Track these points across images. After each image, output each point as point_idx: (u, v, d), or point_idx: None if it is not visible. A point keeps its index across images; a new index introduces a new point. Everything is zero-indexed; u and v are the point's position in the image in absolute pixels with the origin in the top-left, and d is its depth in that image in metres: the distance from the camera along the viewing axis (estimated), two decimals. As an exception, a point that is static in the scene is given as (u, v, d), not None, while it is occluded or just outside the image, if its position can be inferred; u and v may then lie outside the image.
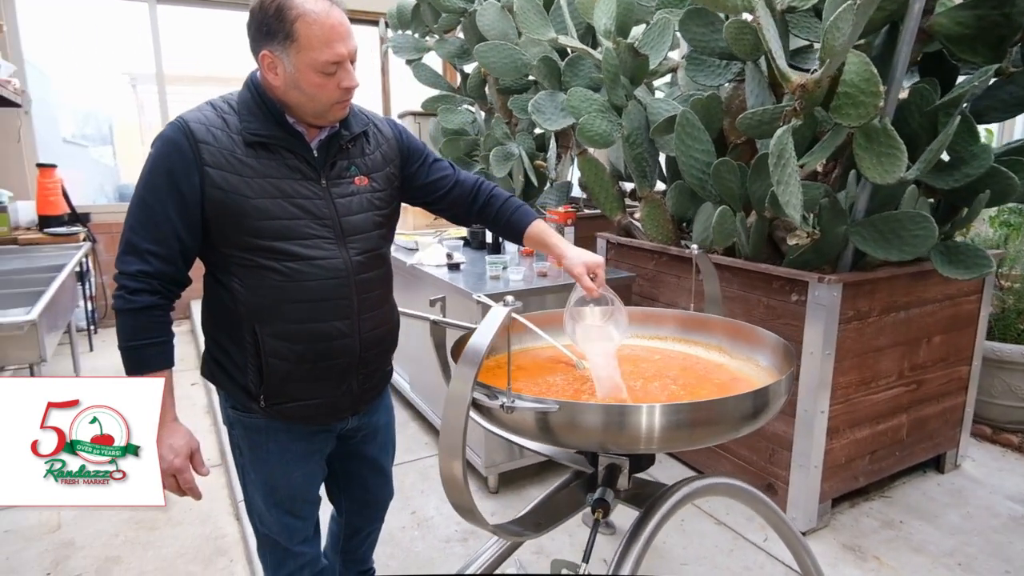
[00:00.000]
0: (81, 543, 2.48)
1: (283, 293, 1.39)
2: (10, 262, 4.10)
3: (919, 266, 2.43)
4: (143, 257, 1.31)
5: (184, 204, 1.32)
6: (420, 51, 4.64)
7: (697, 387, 1.56)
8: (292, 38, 1.29)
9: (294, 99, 1.36)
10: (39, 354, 2.97)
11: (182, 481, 1.37)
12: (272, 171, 1.37)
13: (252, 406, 1.46)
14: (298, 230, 1.38)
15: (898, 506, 2.63)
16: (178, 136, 1.32)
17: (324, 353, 1.45)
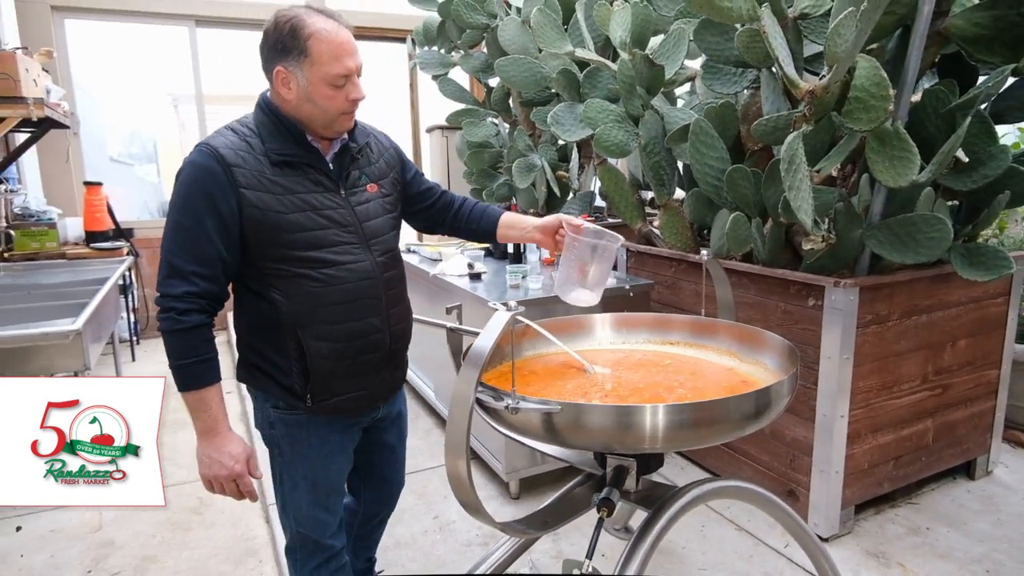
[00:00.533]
0: (120, 543, 2.60)
1: (320, 298, 1.49)
2: (58, 275, 4.31)
3: (940, 269, 2.41)
4: (188, 279, 1.38)
5: (224, 225, 1.40)
6: (446, 66, 4.75)
7: (705, 391, 1.58)
8: (306, 54, 1.40)
9: (306, 112, 1.46)
10: (84, 362, 3.13)
11: (242, 485, 1.48)
12: (298, 187, 1.48)
13: (298, 404, 1.54)
14: (327, 239, 1.49)
15: (925, 513, 2.59)
16: (210, 162, 1.40)
17: (362, 348, 1.56)
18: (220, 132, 1.49)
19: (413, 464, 3.13)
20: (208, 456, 1.46)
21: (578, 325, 1.96)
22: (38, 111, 3.71)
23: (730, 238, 2.40)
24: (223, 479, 1.46)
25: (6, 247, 4.67)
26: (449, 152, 5.68)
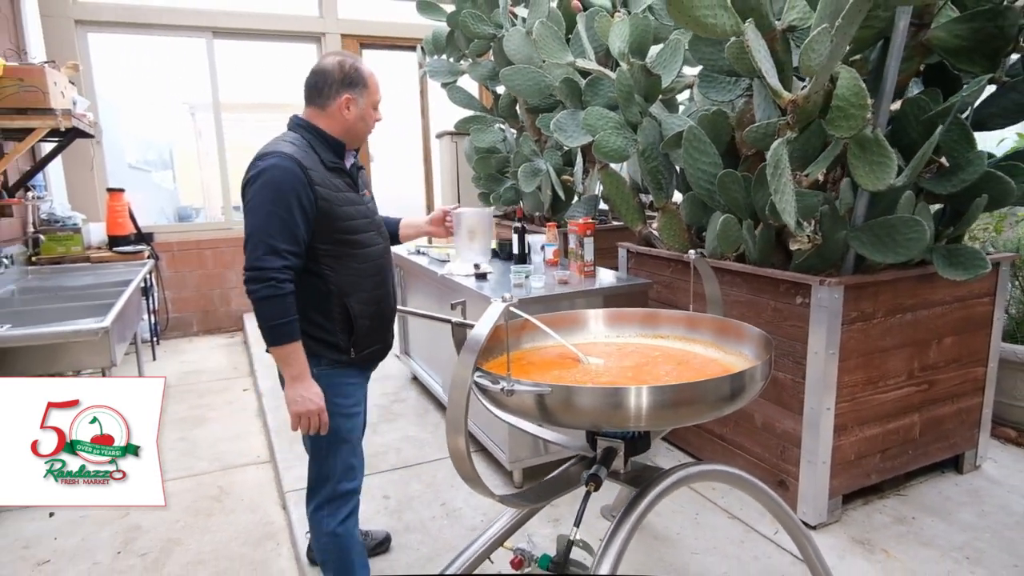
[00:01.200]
0: (147, 527, 2.75)
1: (360, 272, 1.96)
2: (83, 278, 4.50)
3: (924, 269, 2.52)
4: (283, 255, 1.76)
5: (305, 213, 1.81)
6: (455, 74, 4.90)
7: (687, 378, 1.71)
8: (366, 86, 1.94)
9: (358, 128, 1.96)
10: (110, 359, 3.30)
11: (322, 418, 1.85)
12: (342, 187, 1.94)
13: (341, 357, 1.95)
14: (362, 227, 1.98)
15: (912, 504, 2.69)
16: (293, 166, 1.79)
17: (384, 310, 2.07)
18: (281, 144, 1.85)
19: (423, 455, 3.28)
20: (300, 396, 1.81)
21: (574, 320, 2.09)
22: (65, 122, 3.90)
23: (721, 239, 2.52)
24: (312, 413, 1.82)
25: (34, 251, 4.88)
26: (459, 157, 5.84)
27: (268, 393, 4.17)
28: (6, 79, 3.71)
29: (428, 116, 6.77)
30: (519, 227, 3.40)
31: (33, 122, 3.85)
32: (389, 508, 2.80)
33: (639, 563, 2.36)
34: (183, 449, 3.53)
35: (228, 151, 6.13)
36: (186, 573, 2.43)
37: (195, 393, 4.42)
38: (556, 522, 2.64)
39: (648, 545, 2.48)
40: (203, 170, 8.35)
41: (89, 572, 2.43)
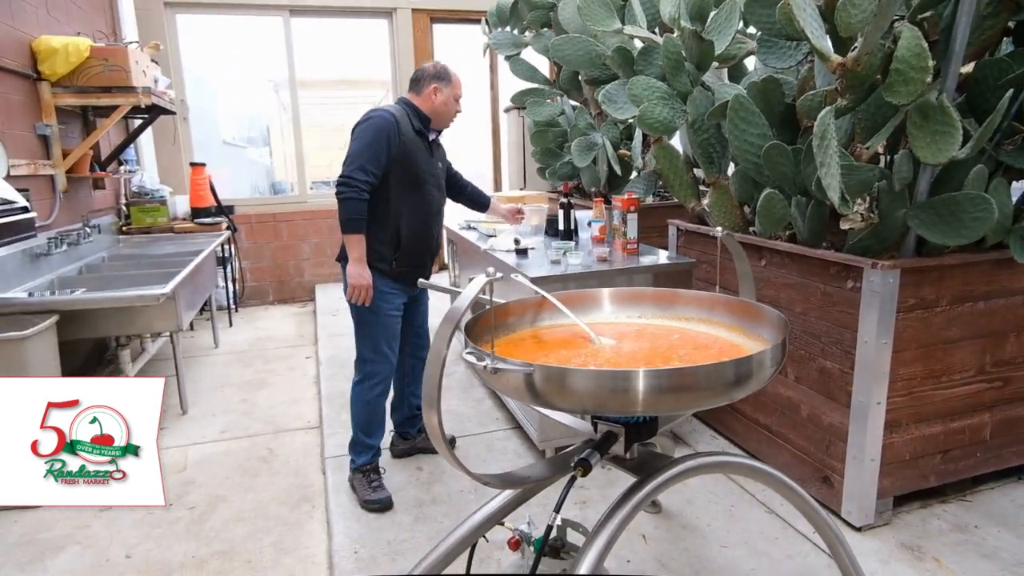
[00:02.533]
0: (199, 482, 2.93)
1: (417, 206, 2.61)
2: (165, 247, 4.81)
3: (1002, 252, 2.26)
4: (368, 172, 2.43)
5: (390, 150, 2.47)
6: (518, 46, 4.81)
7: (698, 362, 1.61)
8: (450, 81, 2.63)
9: (440, 111, 2.63)
10: (177, 324, 3.51)
11: (368, 292, 2.51)
12: (420, 147, 2.60)
13: (383, 267, 2.58)
14: (425, 179, 2.61)
15: (977, 511, 2.45)
16: (390, 117, 2.50)
17: (426, 240, 2.69)
18: (387, 107, 2.56)
19: (461, 429, 3.30)
20: (358, 273, 2.50)
21: (592, 298, 2.02)
22: (146, 99, 4.13)
23: (763, 217, 2.35)
24: (363, 287, 2.50)
25: (125, 221, 5.25)
26: (525, 131, 5.77)
27: (326, 362, 4.32)
28: (93, 59, 3.98)
29: (498, 90, 6.72)
30: (565, 202, 3.31)
31: (117, 99, 4.11)
32: (420, 480, 2.84)
33: (662, 552, 2.28)
34: (243, 410, 3.72)
35: (307, 128, 6.32)
36: (225, 528, 2.56)
37: (262, 359, 4.64)
38: (583, 504, 2.59)
39: (675, 534, 2.39)
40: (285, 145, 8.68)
41: (142, 520, 2.61)
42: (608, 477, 2.75)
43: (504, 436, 3.22)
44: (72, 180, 4.17)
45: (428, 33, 6.38)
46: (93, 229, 4.33)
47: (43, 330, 2.82)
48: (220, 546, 2.44)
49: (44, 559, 2.36)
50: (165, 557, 2.37)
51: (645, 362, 1.62)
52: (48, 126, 3.92)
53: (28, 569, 2.31)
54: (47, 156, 3.96)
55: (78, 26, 4.50)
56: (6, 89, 3.56)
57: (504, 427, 3.31)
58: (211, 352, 4.82)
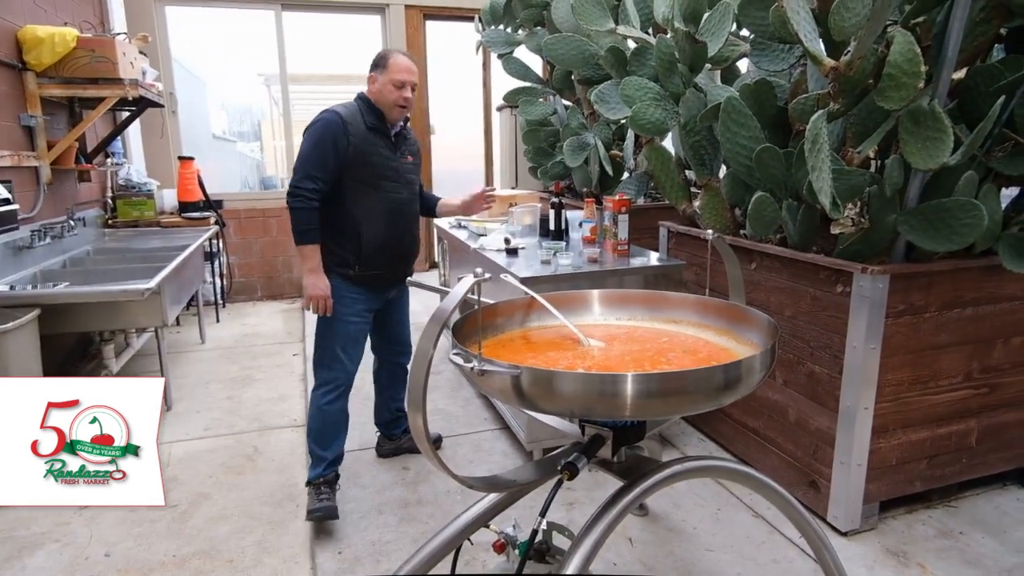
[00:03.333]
0: (182, 480, 2.89)
1: (376, 208, 2.48)
2: (152, 241, 4.75)
3: (991, 259, 2.26)
4: (315, 180, 2.35)
5: (337, 154, 2.37)
6: (511, 44, 4.79)
7: (687, 366, 1.59)
8: (384, 67, 2.44)
9: (378, 99, 2.45)
10: (162, 319, 3.47)
11: (328, 303, 2.44)
12: (377, 144, 2.46)
13: (347, 272, 2.49)
14: (387, 175, 2.49)
15: (962, 517, 2.45)
16: (336, 118, 2.39)
17: (389, 244, 2.54)
18: (338, 106, 2.46)
19: (449, 429, 3.28)
20: (312, 283, 2.42)
21: (582, 300, 2.00)
22: (133, 91, 4.08)
23: (753, 220, 2.35)
24: (320, 297, 2.42)
25: (111, 215, 5.18)
26: (517, 130, 5.75)
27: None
28: (79, 50, 3.92)
29: (490, 88, 6.69)
30: (556, 202, 3.30)
31: (104, 91, 4.05)
32: (406, 480, 2.81)
33: (648, 555, 2.27)
34: (228, 408, 3.68)
35: (298, 123, 6.27)
36: (208, 527, 2.53)
37: (249, 355, 4.60)
38: (570, 506, 2.58)
39: (661, 537, 2.38)
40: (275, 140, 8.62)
41: (123, 518, 2.57)
42: (595, 479, 2.74)
43: (492, 436, 3.21)
44: (57, 172, 4.11)
45: (421, 30, 6.34)
46: (78, 222, 4.27)
47: (24, 324, 2.78)
48: (202, 545, 2.40)
49: (22, 557, 2.32)
50: (145, 556, 2.33)
51: (634, 365, 1.61)
52: (33, 117, 3.86)
53: (4, 567, 2.27)
54: (32, 147, 3.90)
55: (65, 16, 4.44)
56: (-10, 78, 3.50)
57: (492, 427, 3.30)
58: (197, 348, 4.77)
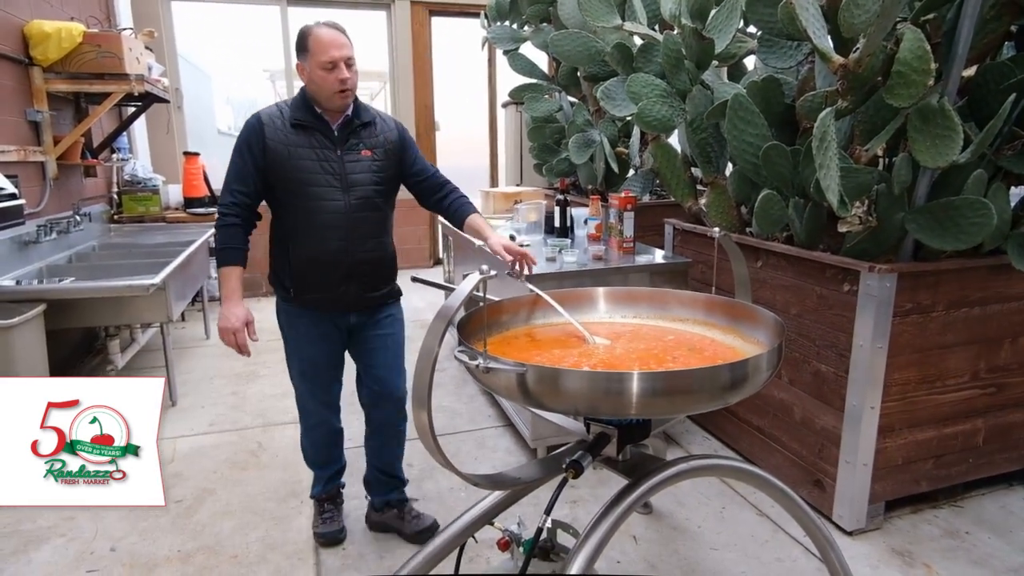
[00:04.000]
0: (187, 475, 2.90)
1: (306, 221, 2.06)
2: (157, 237, 4.76)
3: (999, 258, 2.25)
4: (233, 194, 2.03)
5: (256, 161, 2.03)
6: (517, 41, 4.77)
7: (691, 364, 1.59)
8: (307, 49, 1.99)
9: (312, 89, 2.04)
10: (167, 315, 3.47)
11: (238, 337, 2.03)
12: (305, 143, 2.05)
13: (288, 296, 2.15)
14: (316, 180, 2.05)
15: (968, 517, 2.44)
16: (254, 122, 2.06)
17: (327, 263, 2.10)
18: (269, 106, 2.10)
19: (453, 426, 3.28)
20: (223, 314, 2.04)
21: (588, 297, 2.00)
22: (139, 86, 4.08)
23: (760, 218, 2.33)
24: (227, 331, 2.03)
25: (116, 210, 5.19)
26: (522, 126, 5.74)
27: (318, 355, 4.29)
28: (85, 45, 3.92)
29: (495, 85, 6.67)
30: (561, 199, 3.29)
31: (110, 87, 4.06)
32: (411, 476, 2.80)
33: (652, 553, 2.26)
34: (233, 403, 3.69)
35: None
36: (212, 522, 2.53)
37: (254, 351, 4.57)
38: (574, 504, 2.58)
39: (666, 535, 2.38)
40: (281, 137, 8.59)
41: (128, 513, 2.58)
42: (599, 477, 2.74)
43: (496, 434, 3.21)
44: (63, 167, 4.12)
45: (426, 26, 6.33)
46: (84, 217, 4.28)
47: (30, 319, 2.79)
48: (206, 540, 2.41)
49: (28, 551, 2.33)
50: (150, 551, 2.34)
51: (639, 364, 1.60)
52: (39, 112, 3.86)
53: (11, 561, 2.28)
54: (38, 142, 3.91)
55: (72, 11, 4.44)
56: (-4, 73, 3.50)
57: (496, 424, 3.29)
58: (202, 343, 4.77)
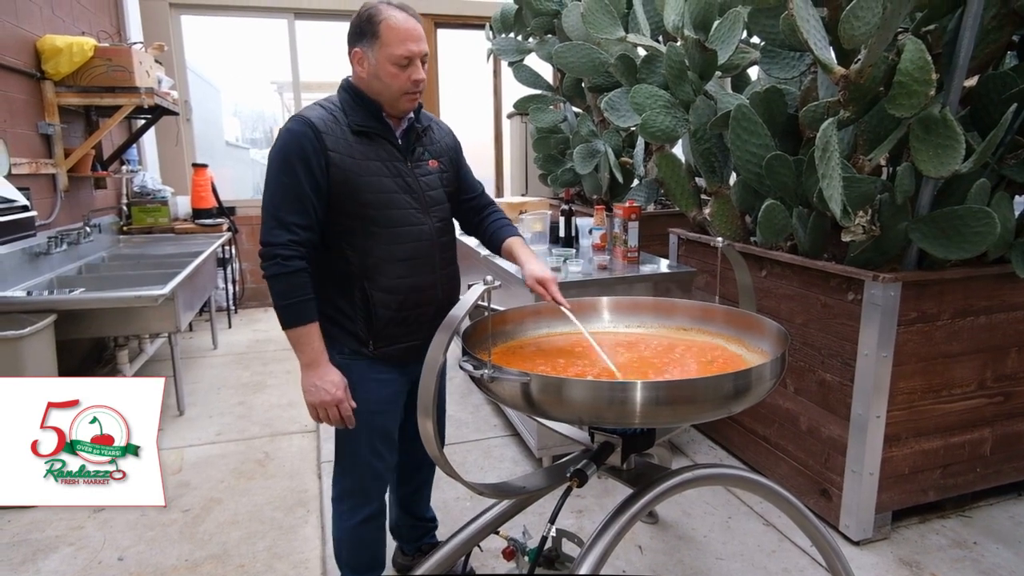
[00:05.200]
0: (194, 485, 2.91)
1: (387, 254, 1.69)
2: (165, 247, 4.81)
3: (1004, 267, 2.25)
4: (291, 229, 1.60)
5: (316, 181, 1.61)
6: (522, 53, 4.81)
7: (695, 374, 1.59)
8: (377, 36, 1.60)
9: (375, 88, 1.66)
10: (175, 325, 3.50)
11: (343, 409, 1.67)
12: (374, 155, 1.69)
13: (362, 350, 1.73)
14: (396, 202, 1.70)
15: (976, 527, 2.43)
16: (304, 128, 1.62)
17: (418, 302, 1.76)
18: (311, 107, 1.70)
19: (459, 435, 3.28)
20: (313, 385, 1.64)
21: (592, 307, 2.01)
22: (148, 99, 4.13)
23: (763, 227, 2.34)
24: (327, 404, 1.64)
25: (126, 221, 5.24)
26: (527, 137, 5.77)
27: (324, 365, 4.30)
28: (96, 59, 3.98)
29: (500, 96, 6.72)
30: (566, 209, 3.31)
31: (120, 100, 4.11)
32: (417, 485, 2.82)
33: (657, 563, 2.26)
34: (240, 413, 3.71)
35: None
36: (219, 531, 2.55)
37: (261, 361, 4.63)
38: (580, 513, 2.58)
39: (671, 545, 2.37)
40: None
41: (136, 522, 2.60)
42: (605, 486, 2.74)
43: (502, 443, 3.21)
44: (74, 179, 4.17)
45: (432, 38, 6.38)
46: (94, 228, 4.33)
47: (41, 329, 2.82)
48: (213, 550, 2.42)
49: (36, 560, 2.35)
50: (157, 560, 2.35)
51: (643, 373, 1.61)
52: (51, 125, 3.92)
53: (20, 570, 2.30)
54: (49, 155, 3.96)
55: (83, 26, 4.51)
56: (9, 88, 3.55)
57: (502, 434, 3.30)
58: (209, 353, 4.80)
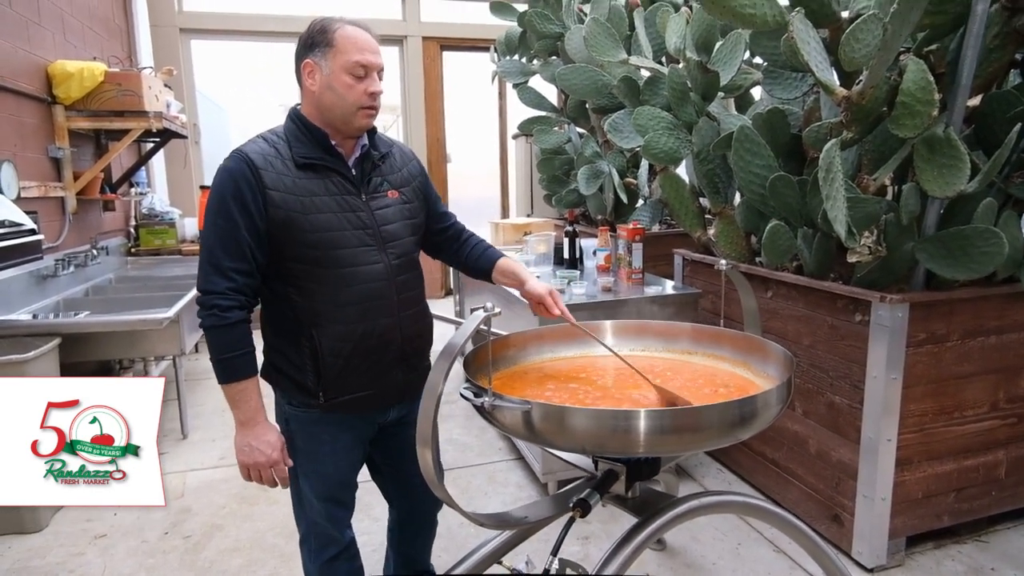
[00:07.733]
0: (196, 510, 2.89)
1: (335, 297, 1.54)
2: (173, 269, 4.83)
3: (1013, 286, 2.22)
4: (229, 275, 1.46)
5: (254, 223, 1.47)
6: (526, 75, 4.84)
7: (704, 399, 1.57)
8: (331, 44, 1.48)
9: (328, 102, 1.51)
10: (179, 347, 3.50)
11: (277, 472, 1.54)
12: (321, 189, 1.53)
13: (311, 402, 1.59)
14: (345, 240, 1.54)
15: (993, 552, 2.37)
16: (240, 166, 1.48)
17: (373, 348, 1.59)
18: (252, 140, 1.57)
19: (463, 459, 3.25)
20: (248, 444, 1.52)
21: (596, 331, 1.98)
22: (157, 123, 4.18)
23: (768, 248, 2.32)
24: (261, 466, 1.52)
25: (134, 243, 5.28)
26: (533, 158, 5.79)
27: (329, 387, 4.29)
28: (107, 84, 4.03)
29: (506, 117, 6.76)
30: (570, 230, 3.30)
31: (129, 124, 4.16)
32: (420, 510, 2.78)
33: (665, 591, 2.22)
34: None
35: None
36: (220, 559, 2.52)
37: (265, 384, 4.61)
38: (586, 540, 2.54)
39: (679, 573, 2.33)
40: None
41: (136, 549, 2.57)
42: (611, 512, 2.68)
43: (507, 467, 3.17)
44: (82, 202, 4.21)
45: (438, 60, 6.45)
46: (101, 251, 4.36)
47: (44, 353, 2.82)
48: (214, 577, 2.39)
49: (36, 588, 2.33)
50: (158, 588, 2.33)
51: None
52: (61, 149, 3.96)
53: (19, 598, 2.28)
54: (58, 178, 4.00)
55: (94, 51, 4.57)
56: (21, 113, 3.60)
57: (507, 458, 3.26)
58: (213, 376, 4.78)
